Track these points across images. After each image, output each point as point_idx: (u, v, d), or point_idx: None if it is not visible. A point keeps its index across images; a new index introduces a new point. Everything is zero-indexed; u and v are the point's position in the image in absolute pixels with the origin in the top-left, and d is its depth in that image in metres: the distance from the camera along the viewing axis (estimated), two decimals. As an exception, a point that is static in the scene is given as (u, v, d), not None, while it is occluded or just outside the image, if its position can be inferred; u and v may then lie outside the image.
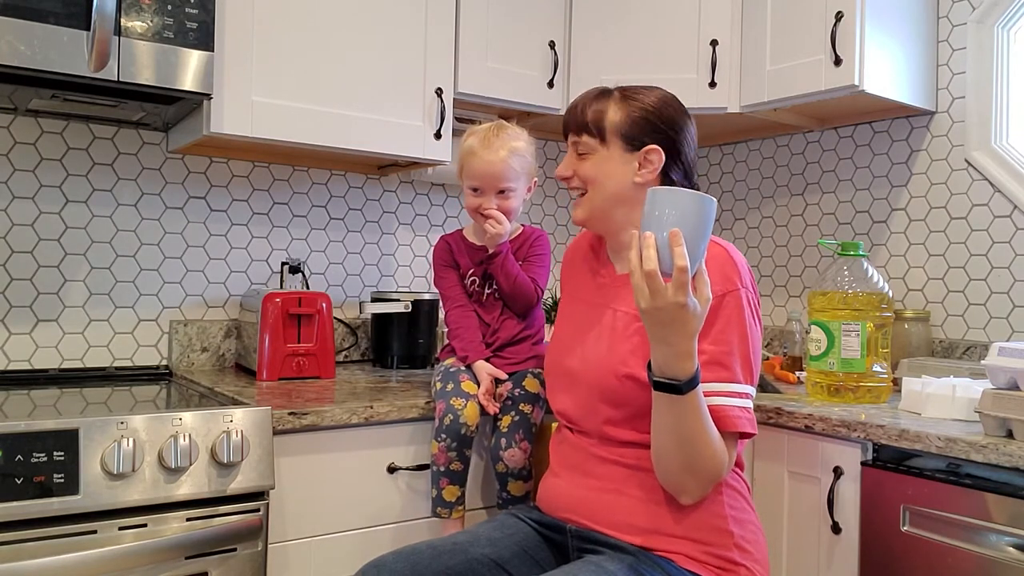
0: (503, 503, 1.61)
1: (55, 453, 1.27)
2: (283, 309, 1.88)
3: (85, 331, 1.94)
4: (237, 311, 2.13)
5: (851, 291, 1.74)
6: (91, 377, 1.91)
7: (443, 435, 1.54)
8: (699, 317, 1.14)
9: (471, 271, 1.74)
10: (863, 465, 1.52)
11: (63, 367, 1.91)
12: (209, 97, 1.67)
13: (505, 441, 1.58)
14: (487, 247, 1.69)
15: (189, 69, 1.61)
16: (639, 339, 1.30)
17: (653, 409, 1.22)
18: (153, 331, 2.03)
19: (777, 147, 2.52)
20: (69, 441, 1.28)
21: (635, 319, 1.32)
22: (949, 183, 2.10)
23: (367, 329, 2.30)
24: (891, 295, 1.77)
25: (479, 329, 1.71)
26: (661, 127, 1.35)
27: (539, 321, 1.78)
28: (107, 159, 1.97)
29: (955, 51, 2.09)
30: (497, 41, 2.11)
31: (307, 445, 1.53)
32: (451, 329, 1.72)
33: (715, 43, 2.14)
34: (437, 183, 2.42)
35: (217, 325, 2.09)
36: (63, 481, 1.26)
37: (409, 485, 1.64)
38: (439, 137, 1.99)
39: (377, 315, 2.15)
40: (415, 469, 1.62)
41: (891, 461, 1.50)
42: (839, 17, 1.91)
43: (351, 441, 1.57)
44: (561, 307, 1.54)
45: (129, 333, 2.00)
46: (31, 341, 1.88)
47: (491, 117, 2.00)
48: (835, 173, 2.36)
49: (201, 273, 2.09)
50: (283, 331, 1.88)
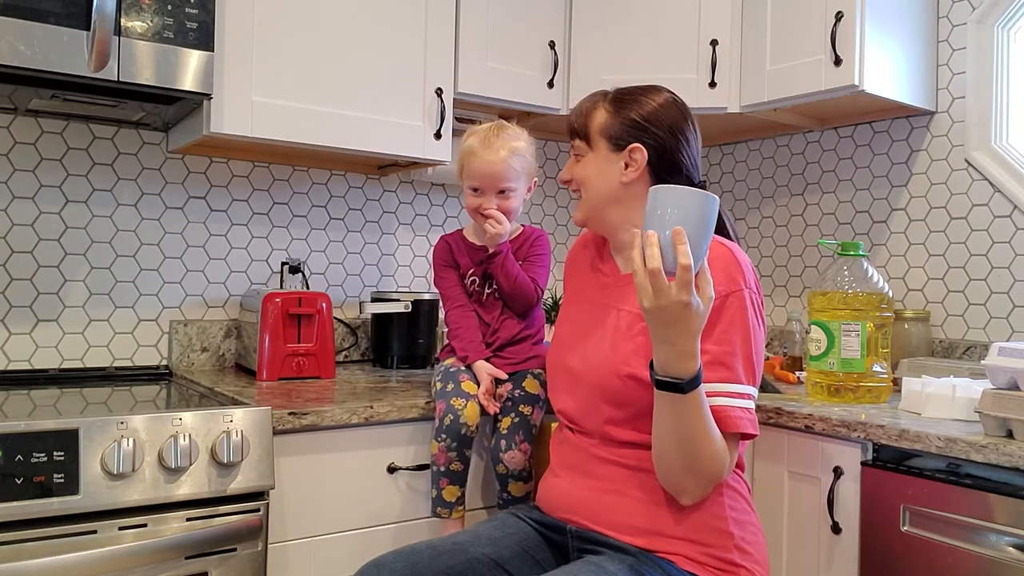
0: (503, 504, 1.61)
1: (55, 453, 1.27)
2: (283, 309, 1.88)
3: (85, 331, 1.94)
4: (237, 311, 2.13)
5: (851, 291, 1.74)
6: (91, 377, 1.91)
7: (443, 435, 1.54)
8: (702, 316, 1.14)
9: (471, 271, 1.74)
10: (863, 465, 1.52)
11: (63, 367, 1.91)
12: (209, 97, 1.67)
13: (505, 443, 1.58)
14: (487, 247, 1.69)
15: (189, 69, 1.61)
16: (643, 339, 1.30)
17: (655, 408, 1.22)
18: (153, 331, 2.03)
19: (777, 147, 2.52)
20: (69, 441, 1.28)
21: (638, 319, 1.32)
22: (949, 183, 2.10)
23: (367, 329, 2.31)
24: (891, 295, 1.77)
25: (479, 329, 1.71)
26: (646, 126, 1.35)
27: (539, 321, 1.78)
28: (107, 159, 1.97)
29: (955, 51, 2.09)
30: (497, 41, 2.11)
31: (307, 445, 1.53)
32: (451, 329, 1.73)
33: (715, 43, 2.14)
34: (437, 183, 2.42)
35: (217, 325, 2.09)
36: (63, 481, 1.26)
37: (409, 485, 1.64)
38: (439, 137, 1.99)
39: (377, 315, 2.15)
40: (415, 469, 1.62)
41: (891, 461, 1.50)
42: (839, 17, 1.91)
43: (351, 441, 1.57)
44: (564, 306, 1.54)
45: (129, 333, 2.00)
46: (31, 341, 1.88)
47: (491, 117, 2.00)
48: (835, 173, 2.36)
49: (201, 273, 2.09)
50: (283, 331, 1.88)
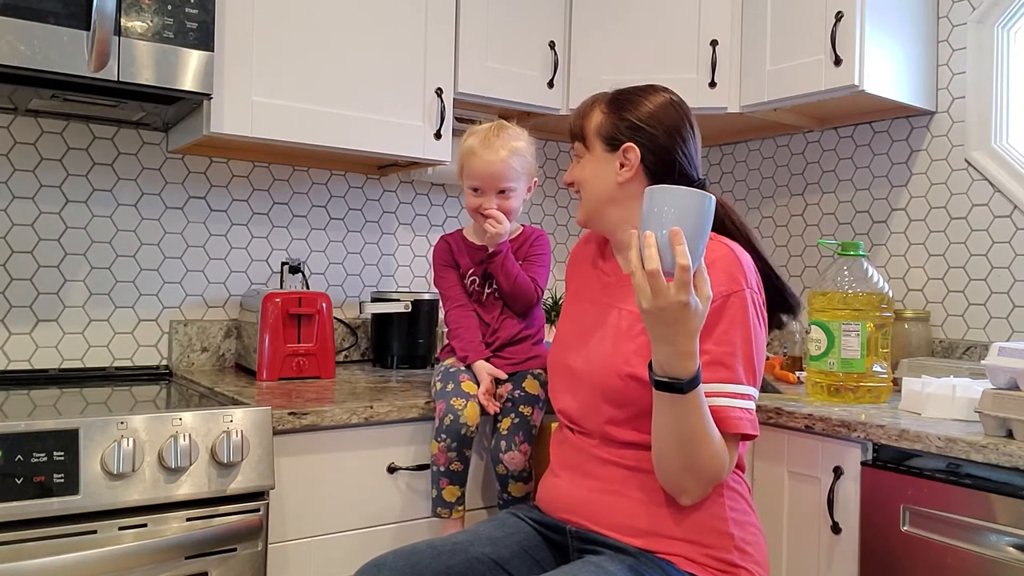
0: (503, 504, 1.61)
1: (55, 453, 1.27)
2: (283, 309, 1.88)
3: (85, 331, 1.94)
4: (237, 311, 2.13)
5: (851, 291, 1.74)
6: (91, 377, 1.91)
7: (443, 435, 1.54)
8: (700, 316, 1.14)
9: (471, 271, 1.74)
10: (863, 465, 1.52)
11: (63, 367, 1.91)
12: (209, 97, 1.67)
13: (505, 444, 1.58)
14: (487, 247, 1.69)
15: (189, 69, 1.61)
16: (644, 339, 1.29)
17: (654, 409, 1.22)
18: (153, 331, 2.03)
19: (777, 147, 2.52)
20: (69, 441, 1.28)
21: (640, 318, 1.31)
22: (949, 183, 2.10)
23: (367, 329, 2.30)
24: (891, 295, 1.77)
25: (479, 329, 1.71)
26: (640, 126, 1.35)
27: (539, 321, 1.78)
28: (107, 159, 1.97)
29: (955, 51, 2.09)
30: (497, 41, 2.11)
31: (307, 445, 1.53)
32: (451, 329, 1.73)
33: (715, 43, 2.14)
34: (437, 183, 2.42)
35: (217, 325, 2.09)
36: (63, 481, 1.26)
37: (409, 485, 1.64)
38: (439, 137, 1.99)
39: (377, 315, 2.15)
40: (415, 469, 1.62)
41: (891, 461, 1.50)
42: (839, 17, 1.91)
43: (351, 441, 1.57)
44: (565, 305, 1.54)
45: (129, 333, 2.00)
46: (31, 341, 1.88)
47: (491, 117, 2.00)
48: (835, 173, 2.36)
49: (201, 273, 2.09)
50: (283, 331, 1.88)
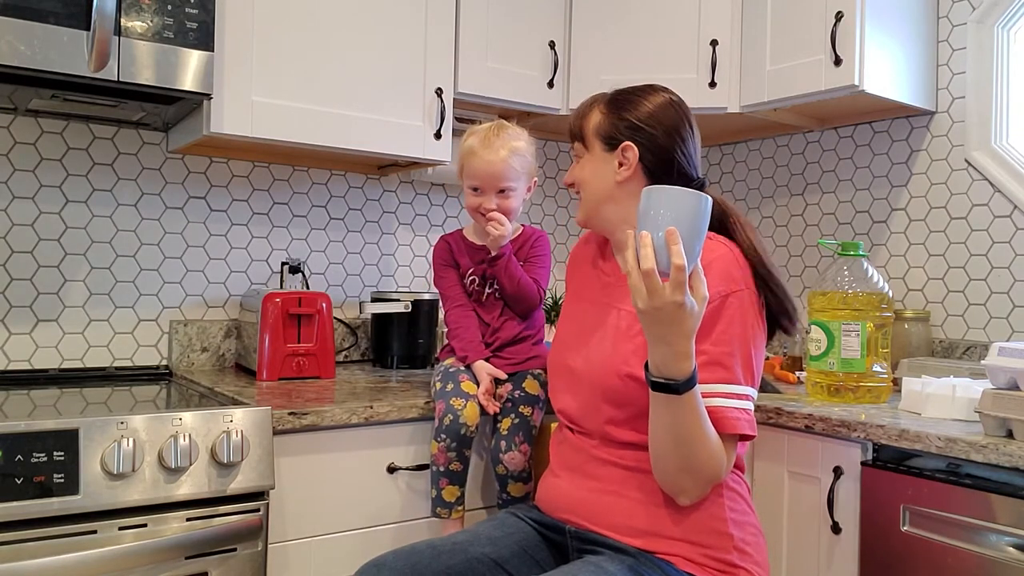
0: (503, 504, 1.61)
1: (55, 453, 1.27)
2: (283, 309, 1.88)
3: (85, 331, 1.94)
4: (237, 311, 2.13)
5: (851, 291, 1.74)
6: (91, 377, 1.91)
7: (443, 435, 1.54)
8: (696, 316, 1.14)
9: (471, 271, 1.74)
10: (863, 465, 1.52)
11: (63, 367, 1.91)
12: (209, 97, 1.67)
13: (505, 444, 1.58)
14: (489, 248, 1.69)
15: (189, 69, 1.61)
16: (643, 339, 1.28)
17: (651, 409, 1.22)
18: (153, 331, 2.03)
19: (777, 147, 2.52)
20: (69, 441, 1.28)
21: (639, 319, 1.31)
22: (949, 183, 2.10)
23: (367, 329, 2.30)
24: (891, 295, 1.77)
25: (479, 329, 1.71)
26: (638, 125, 1.35)
27: (539, 321, 1.78)
28: (107, 159, 1.97)
29: (955, 51, 2.09)
30: (497, 41, 2.11)
31: (307, 445, 1.53)
32: (450, 329, 1.72)
33: (715, 43, 2.14)
34: (437, 183, 2.42)
35: (217, 325, 2.09)
36: (63, 481, 1.26)
37: (409, 485, 1.64)
38: (439, 137, 1.99)
39: (377, 315, 2.15)
40: (415, 469, 1.62)
41: (891, 461, 1.50)
42: (839, 17, 1.91)
43: (351, 441, 1.57)
44: (565, 305, 1.54)
45: (129, 333, 2.00)
46: (31, 341, 1.88)
47: (491, 117, 2.00)
48: (835, 173, 2.36)
49: (201, 273, 2.09)
50: (283, 331, 1.88)
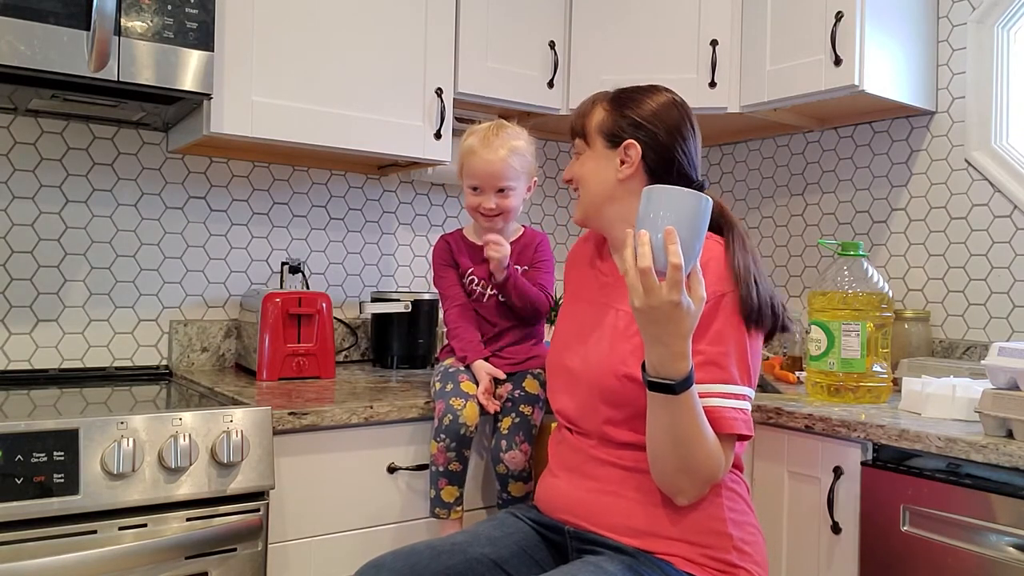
0: (503, 504, 1.61)
1: (55, 453, 1.27)
2: (283, 309, 1.88)
3: (85, 331, 1.94)
4: (237, 311, 2.13)
5: (851, 291, 1.74)
6: (91, 377, 1.91)
7: (442, 435, 1.54)
8: (693, 316, 1.13)
9: (471, 270, 1.74)
10: (863, 465, 1.52)
11: (63, 367, 1.91)
12: (209, 97, 1.67)
13: (505, 443, 1.57)
14: (493, 273, 1.68)
15: (189, 69, 1.61)
16: (641, 339, 1.28)
17: (648, 409, 1.22)
18: (153, 331, 2.03)
19: (777, 147, 2.52)
20: (69, 441, 1.28)
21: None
22: (949, 183, 2.10)
23: (367, 329, 2.30)
24: (891, 295, 1.77)
25: (478, 328, 1.71)
26: (641, 123, 1.35)
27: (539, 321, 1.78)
28: (107, 159, 1.97)
29: (955, 51, 2.09)
30: (497, 41, 2.11)
31: (307, 445, 1.53)
32: (450, 329, 1.72)
33: (715, 43, 2.14)
34: (437, 183, 2.42)
35: (217, 325, 2.09)
36: (63, 481, 1.26)
37: (409, 485, 1.64)
38: (439, 137, 1.99)
39: (377, 315, 2.15)
40: (415, 469, 1.62)
41: (891, 461, 1.50)
42: (839, 17, 1.91)
43: (351, 441, 1.57)
44: (563, 306, 1.54)
45: (129, 333, 2.00)
46: (31, 341, 1.88)
47: (491, 117, 1.99)
48: (835, 173, 2.36)
49: (201, 273, 2.09)
50: (283, 331, 1.88)
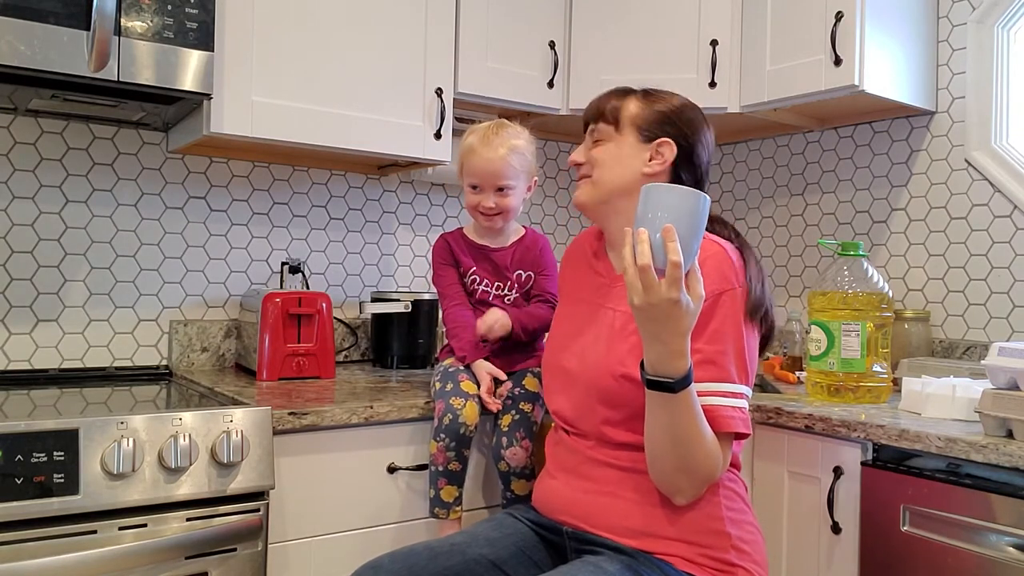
0: (507, 503, 1.61)
1: (55, 453, 1.27)
2: (283, 309, 1.88)
3: (85, 331, 1.94)
4: (237, 311, 2.13)
5: (851, 291, 1.74)
6: (91, 377, 1.91)
7: (442, 435, 1.54)
8: (692, 315, 1.13)
9: (472, 269, 1.74)
10: (863, 465, 1.52)
11: (63, 367, 1.91)
12: (209, 97, 1.67)
13: (506, 440, 1.58)
14: (497, 336, 1.66)
15: (189, 69, 1.61)
16: (637, 339, 1.29)
17: (646, 408, 1.21)
18: (153, 331, 2.03)
19: (777, 147, 2.52)
20: (69, 441, 1.28)
21: (633, 318, 1.31)
22: (949, 183, 2.10)
23: (367, 329, 2.30)
24: (891, 295, 1.77)
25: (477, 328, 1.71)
26: (678, 124, 1.36)
27: (539, 321, 1.78)
28: (107, 159, 1.97)
29: (955, 51, 2.09)
30: (497, 41, 2.11)
31: (307, 445, 1.53)
32: (449, 329, 1.72)
33: (715, 43, 2.14)
34: (437, 183, 2.42)
35: (217, 325, 2.09)
36: (63, 481, 1.26)
37: (409, 485, 1.63)
38: (439, 137, 1.99)
39: (377, 315, 2.15)
40: (415, 469, 1.62)
41: (891, 461, 1.50)
42: (839, 17, 1.91)
43: (351, 441, 1.57)
44: (560, 306, 1.54)
45: (129, 333, 2.00)
46: (31, 341, 1.88)
47: (491, 117, 1.99)
48: (835, 173, 2.36)
49: (201, 273, 2.09)
50: (283, 331, 1.88)
